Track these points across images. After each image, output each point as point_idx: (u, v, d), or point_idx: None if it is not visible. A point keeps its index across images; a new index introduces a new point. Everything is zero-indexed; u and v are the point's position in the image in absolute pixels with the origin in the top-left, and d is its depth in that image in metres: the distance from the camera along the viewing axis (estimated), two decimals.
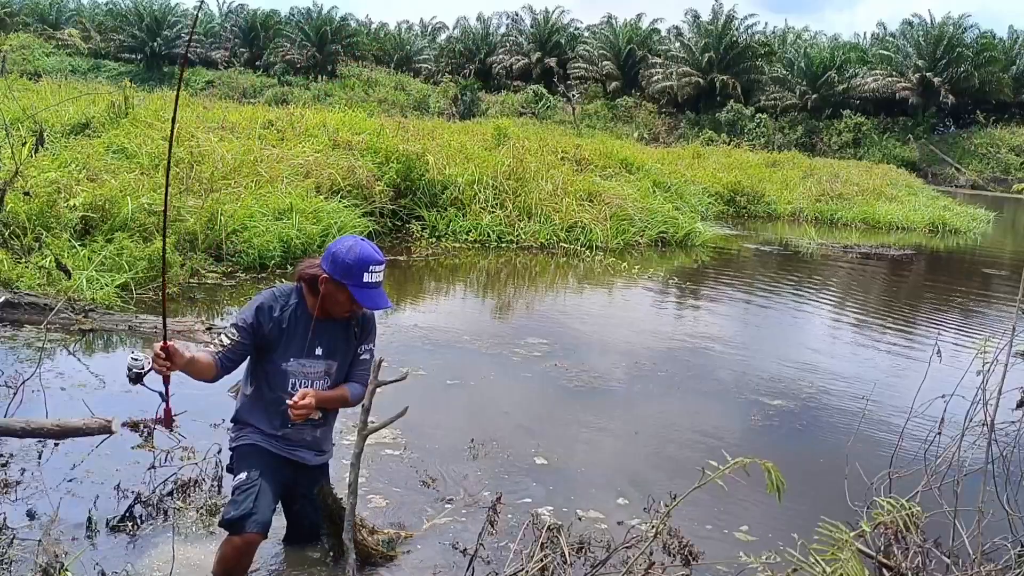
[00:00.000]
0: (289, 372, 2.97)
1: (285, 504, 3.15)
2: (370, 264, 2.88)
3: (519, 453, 4.42)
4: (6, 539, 3.06)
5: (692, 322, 8.46)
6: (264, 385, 3.02)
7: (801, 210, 19.67)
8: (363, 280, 2.88)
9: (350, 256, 2.87)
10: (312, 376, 3.00)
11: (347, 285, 2.87)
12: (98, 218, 7.93)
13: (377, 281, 2.92)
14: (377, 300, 2.95)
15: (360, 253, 2.88)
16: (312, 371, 3.00)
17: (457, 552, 3.32)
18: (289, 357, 2.96)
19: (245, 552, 2.76)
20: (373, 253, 2.91)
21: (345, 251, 2.89)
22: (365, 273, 2.87)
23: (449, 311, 8.20)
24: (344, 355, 3.07)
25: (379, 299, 2.96)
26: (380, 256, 2.94)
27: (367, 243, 2.95)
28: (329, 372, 3.04)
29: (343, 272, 2.87)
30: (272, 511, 2.88)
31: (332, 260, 2.90)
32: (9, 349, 5.52)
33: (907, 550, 2.95)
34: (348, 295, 2.89)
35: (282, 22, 58.99)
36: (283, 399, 2.92)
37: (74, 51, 51.74)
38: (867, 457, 4.09)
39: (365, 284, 2.88)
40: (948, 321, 9.36)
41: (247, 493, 2.81)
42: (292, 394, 2.92)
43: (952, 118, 48.57)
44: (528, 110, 49.48)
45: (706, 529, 3.67)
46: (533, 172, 13.18)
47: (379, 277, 2.92)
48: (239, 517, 2.73)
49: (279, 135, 13.41)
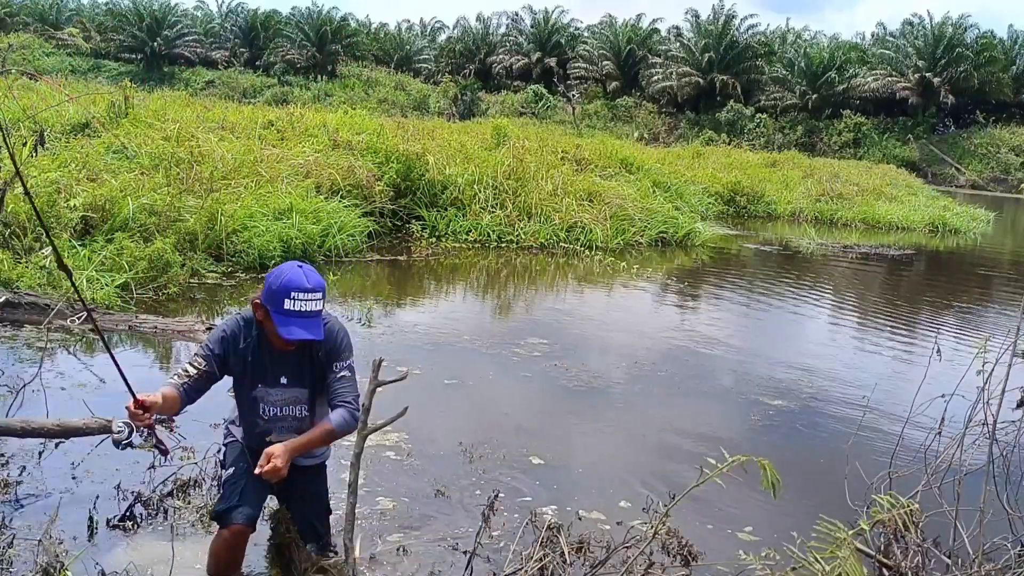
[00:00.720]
0: (258, 399, 2.90)
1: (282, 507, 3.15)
2: (292, 290, 2.69)
3: (518, 453, 4.42)
4: (6, 539, 3.06)
5: (692, 322, 8.46)
6: (241, 404, 2.98)
7: (801, 210, 19.67)
8: (283, 307, 2.70)
9: (276, 282, 2.73)
10: (281, 403, 2.91)
11: (270, 311, 2.73)
12: (98, 218, 7.94)
13: (302, 310, 2.71)
14: (295, 330, 2.70)
15: (285, 279, 2.72)
16: (281, 399, 2.91)
17: (456, 552, 3.32)
18: (256, 384, 2.89)
19: (234, 545, 2.78)
20: (300, 279, 2.72)
21: (275, 276, 2.76)
22: (286, 299, 2.69)
23: (449, 311, 8.20)
24: (315, 380, 2.94)
25: (298, 329, 2.71)
26: (310, 284, 2.73)
27: (303, 270, 2.77)
28: (301, 399, 2.93)
29: (268, 297, 2.74)
30: (260, 504, 2.90)
31: (266, 283, 2.78)
32: (9, 349, 5.52)
33: (907, 549, 2.95)
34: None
35: (282, 22, 58.96)
36: (258, 423, 2.91)
37: (74, 51, 51.75)
38: (867, 457, 4.09)
39: (286, 311, 2.70)
40: (948, 321, 9.36)
41: (233, 487, 2.85)
42: (264, 418, 2.90)
43: (952, 118, 48.59)
44: (528, 110, 49.50)
45: (707, 529, 3.67)
46: (533, 172, 13.19)
47: (306, 306, 2.71)
48: (225, 509, 2.77)
49: (279, 135, 13.42)
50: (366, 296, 8.29)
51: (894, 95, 47.97)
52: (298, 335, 2.71)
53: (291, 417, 2.93)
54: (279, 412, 2.91)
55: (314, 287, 2.74)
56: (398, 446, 4.37)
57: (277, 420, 2.92)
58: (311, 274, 2.77)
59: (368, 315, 7.29)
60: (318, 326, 2.78)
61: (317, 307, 2.76)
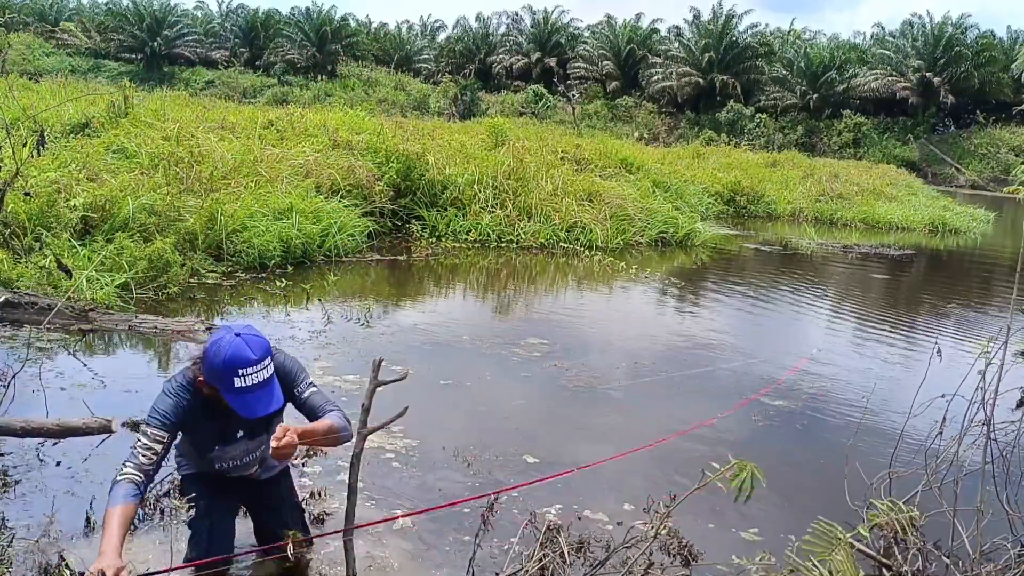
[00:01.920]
0: (214, 458, 2.83)
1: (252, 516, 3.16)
2: (239, 367, 2.52)
3: (518, 453, 4.42)
4: (6, 538, 3.06)
5: (692, 322, 8.45)
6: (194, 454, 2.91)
7: (801, 210, 19.66)
8: (234, 385, 2.53)
9: (217, 359, 2.54)
10: (241, 456, 2.85)
11: (220, 391, 2.57)
12: (98, 218, 7.94)
13: (252, 384, 2.55)
14: (254, 406, 2.55)
15: (227, 355, 2.52)
16: (240, 452, 2.84)
17: (457, 552, 3.32)
18: (213, 447, 2.80)
19: None
20: (244, 351, 2.53)
21: (213, 352, 2.56)
22: (235, 378, 2.53)
23: (449, 311, 8.19)
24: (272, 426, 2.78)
25: (256, 404, 2.56)
26: (256, 354, 2.55)
27: (243, 337, 2.57)
28: (258, 447, 2.87)
29: (213, 376, 2.57)
30: (230, 535, 2.91)
31: (205, 361, 2.58)
32: (9, 349, 5.52)
33: (907, 551, 2.95)
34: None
35: (282, 22, 58.92)
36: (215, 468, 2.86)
37: (74, 51, 51.74)
38: (867, 457, 4.09)
39: (238, 390, 2.53)
40: (948, 321, 9.36)
41: (199, 532, 2.83)
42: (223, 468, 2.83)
43: (952, 118, 48.58)
44: (528, 110, 49.48)
45: (708, 528, 3.67)
46: (533, 172, 13.18)
47: (256, 379, 2.55)
48: (200, 556, 2.76)
49: (279, 135, 13.42)
50: (366, 296, 8.29)
51: (894, 95, 47.97)
52: (259, 411, 2.57)
53: (250, 461, 2.90)
54: (238, 463, 2.88)
55: (260, 356, 2.57)
56: (397, 446, 4.37)
57: (236, 468, 2.90)
58: (253, 340, 2.59)
59: (368, 315, 7.29)
60: (274, 392, 2.62)
61: (268, 374, 2.60)
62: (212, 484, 2.95)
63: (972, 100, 47.25)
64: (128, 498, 2.48)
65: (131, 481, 2.52)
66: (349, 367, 5.69)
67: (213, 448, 2.80)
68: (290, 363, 2.83)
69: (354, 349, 6.20)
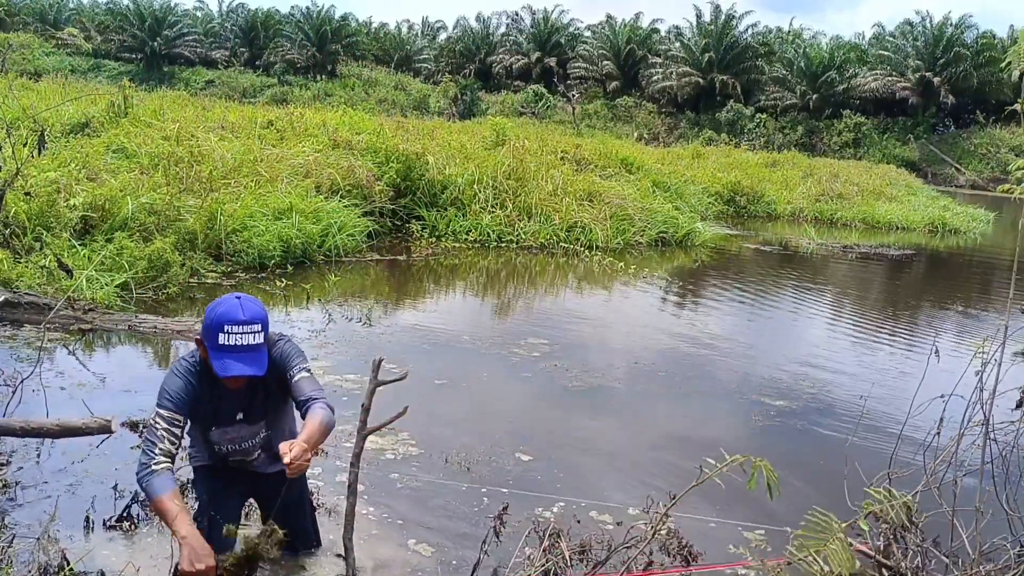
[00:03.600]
0: (213, 441, 2.82)
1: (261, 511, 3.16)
2: (225, 323, 2.52)
3: (518, 452, 4.42)
4: (6, 538, 3.06)
5: (692, 322, 8.45)
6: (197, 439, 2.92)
7: (801, 210, 19.67)
8: (218, 341, 2.53)
9: (211, 314, 2.56)
10: (239, 439, 2.83)
11: (207, 347, 2.58)
12: (98, 218, 7.94)
13: (237, 344, 2.53)
14: (230, 366, 2.52)
15: (220, 311, 2.55)
16: (238, 435, 2.82)
17: (459, 554, 3.32)
18: (211, 428, 2.79)
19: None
20: (235, 311, 2.55)
21: (211, 308, 2.59)
22: (220, 334, 2.52)
23: (449, 311, 8.20)
24: (274, 410, 2.85)
25: (233, 365, 2.52)
26: (245, 315, 2.55)
27: (240, 301, 2.59)
28: (258, 431, 2.86)
29: (204, 332, 2.57)
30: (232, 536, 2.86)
31: (204, 318, 2.61)
32: (9, 349, 5.52)
33: (906, 550, 2.95)
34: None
35: (282, 22, 58.93)
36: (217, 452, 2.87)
37: (74, 51, 51.73)
38: (867, 457, 4.10)
39: (221, 347, 2.53)
40: (947, 321, 9.36)
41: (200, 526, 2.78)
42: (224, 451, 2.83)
43: (952, 118, 48.55)
44: (528, 110, 49.47)
45: (709, 527, 3.67)
46: (533, 172, 13.19)
47: (241, 340, 2.53)
48: None
49: (279, 135, 13.43)
50: (366, 296, 8.29)
51: (894, 95, 47.96)
52: (233, 371, 2.53)
53: (250, 446, 2.89)
54: (238, 447, 2.86)
55: (250, 319, 2.56)
56: (397, 447, 4.37)
57: (237, 452, 2.89)
58: (249, 304, 2.59)
59: (368, 315, 7.29)
60: (257, 360, 2.58)
61: (255, 340, 2.57)
62: (220, 476, 2.95)
63: (972, 100, 47.23)
64: (173, 483, 2.50)
65: (166, 468, 2.52)
66: (349, 366, 5.69)
67: (211, 428, 2.80)
68: (290, 348, 2.80)
69: (354, 349, 6.20)
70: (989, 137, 45.56)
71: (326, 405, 2.66)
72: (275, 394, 2.81)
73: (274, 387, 2.78)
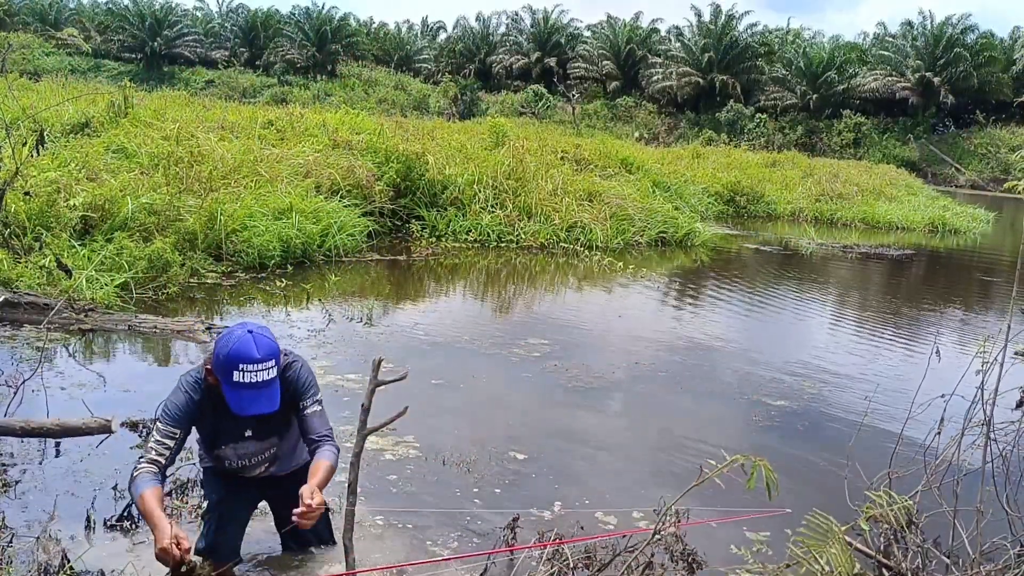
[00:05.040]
0: (223, 456, 2.84)
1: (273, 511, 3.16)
2: (240, 362, 2.53)
3: (519, 453, 4.42)
4: (6, 537, 3.06)
5: (692, 322, 8.45)
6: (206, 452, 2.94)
7: (801, 210, 19.67)
8: (232, 379, 2.54)
9: (223, 350, 2.56)
10: (248, 455, 2.85)
11: (220, 381, 2.59)
12: (98, 218, 7.94)
13: (252, 381, 2.55)
14: (245, 404, 2.55)
15: (233, 347, 2.54)
16: (247, 451, 2.84)
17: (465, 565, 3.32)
18: (220, 445, 2.81)
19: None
20: (249, 350, 2.54)
21: (222, 343, 2.58)
22: (235, 371, 2.53)
23: (449, 311, 8.19)
24: (282, 428, 2.87)
25: (248, 403, 2.56)
26: (259, 354, 2.55)
27: (253, 336, 2.58)
28: (267, 447, 2.87)
29: (217, 366, 2.58)
30: (239, 531, 2.93)
31: (215, 350, 2.61)
32: (9, 349, 5.52)
33: (907, 550, 2.95)
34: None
35: (282, 22, 58.93)
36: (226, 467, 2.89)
37: (74, 51, 51.72)
38: (868, 457, 4.09)
39: (235, 384, 2.54)
40: (948, 321, 9.36)
41: (209, 523, 2.88)
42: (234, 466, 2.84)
43: (952, 118, 48.55)
44: (528, 110, 49.47)
45: (710, 527, 3.67)
46: (533, 172, 13.18)
47: (255, 377, 2.55)
48: (205, 549, 2.79)
49: (279, 135, 13.42)
50: (366, 296, 8.29)
51: (894, 95, 47.97)
52: (251, 410, 2.57)
53: (259, 461, 2.90)
54: (247, 462, 2.87)
55: (264, 356, 2.56)
56: (397, 448, 4.37)
57: (246, 468, 2.90)
58: (261, 341, 2.58)
59: (368, 315, 7.29)
60: (272, 396, 2.61)
61: (270, 376, 2.59)
62: (230, 478, 2.95)
63: (972, 100, 47.25)
64: (152, 482, 2.52)
65: (147, 471, 2.55)
66: (349, 366, 5.68)
67: (220, 446, 2.81)
68: (305, 375, 2.82)
69: (354, 349, 6.20)
70: (989, 137, 45.57)
71: (333, 447, 2.75)
72: (286, 413, 2.81)
73: (285, 407, 2.78)
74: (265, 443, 2.86)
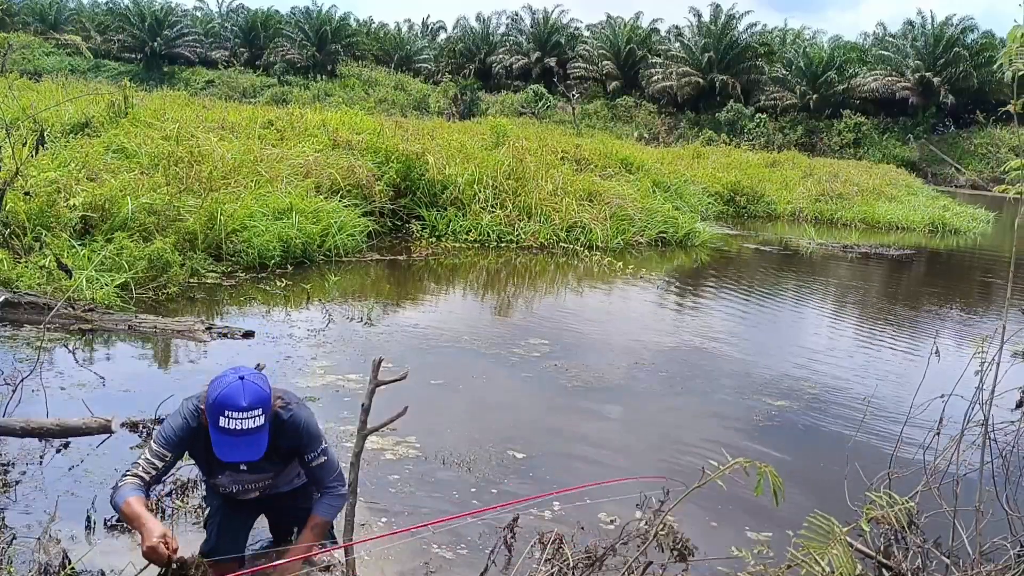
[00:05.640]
0: (218, 483, 2.86)
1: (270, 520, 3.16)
2: (227, 408, 2.50)
3: (519, 453, 4.42)
4: (6, 538, 3.06)
5: (692, 322, 8.45)
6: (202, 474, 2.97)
7: (801, 210, 19.67)
8: (218, 424, 2.52)
9: (212, 393, 2.55)
10: (243, 482, 2.85)
11: (208, 424, 2.57)
12: (98, 218, 7.94)
13: (238, 428, 2.51)
14: (229, 450, 2.53)
15: (221, 393, 2.52)
16: (241, 479, 2.84)
17: (463, 558, 3.32)
18: (215, 475, 2.82)
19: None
20: (236, 397, 2.51)
21: (213, 386, 2.58)
22: (221, 417, 2.51)
23: (449, 311, 8.19)
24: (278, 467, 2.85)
25: (231, 449, 2.53)
26: (245, 401, 2.51)
27: (243, 384, 2.55)
28: (263, 480, 2.87)
29: (207, 408, 2.57)
30: (241, 536, 2.95)
31: (207, 391, 2.61)
32: (9, 349, 5.52)
33: (907, 550, 2.95)
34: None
35: (282, 22, 58.91)
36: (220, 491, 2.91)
37: (74, 51, 51.71)
38: (868, 458, 4.09)
39: (221, 429, 2.52)
40: (948, 321, 9.36)
41: (211, 526, 2.94)
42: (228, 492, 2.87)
43: (952, 118, 48.51)
44: (528, 110, 49.44)
45: (711, 527, 3.67)
46: (533, 172, 13.18)
47: (240, 425, 2.51)
48: (209, 552, 2.80)
49: (279, 135, 13.42)
50: (366, 296, 8.29)
51: (894, 95, 47.94)
52: (231, 457, 2.55)
53: (254, 488, 2.90)
54: (241, 488, 2.88)
55: (251, 403, 2.52)
56: (397, 448, 4.37)
57: (241, 492, 2.90)
58: (250, 388, 2.55)
59: (368, 315, 7.29)
60: (256, 444, 2.57)
61: (255, 424, 2.55)
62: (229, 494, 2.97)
63: (972, 100, 47.18)
64: (136, 491, 2.53)
65: (132, 483, 2.57)
66: (349, 366, 5.68)
67: (216, 475, 2.82)
68: (305, 427, 2.78)
69: (354, 348, 6.20)
70: (989, 137, 45.54)
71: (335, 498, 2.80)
72: (281, 453, 2.80)
73: (282, 450, 2.78)
74: (260, 475, 2.86)
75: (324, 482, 2.83)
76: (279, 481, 2.95)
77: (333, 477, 2.84)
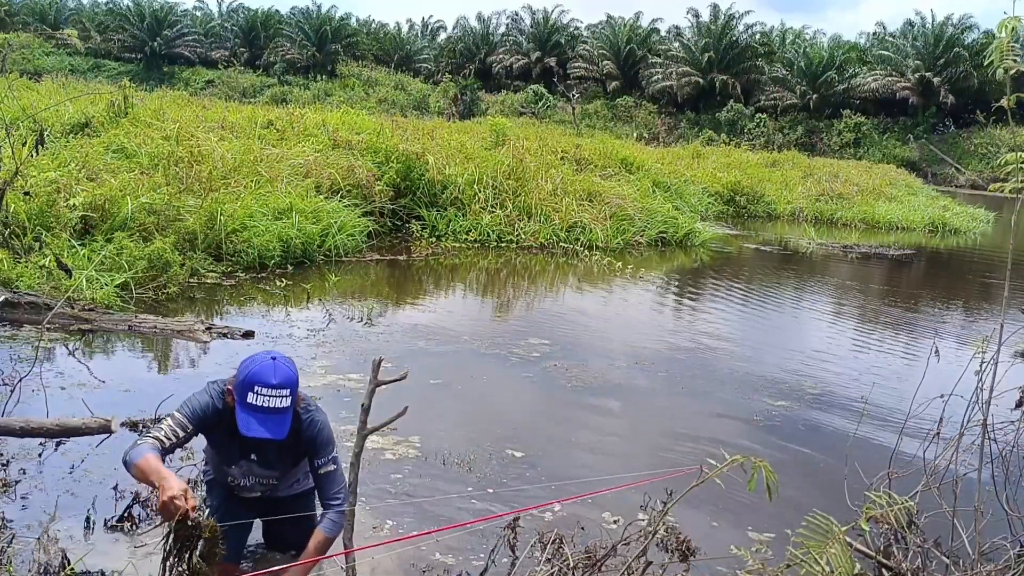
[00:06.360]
0: (228, 472, 2.89)
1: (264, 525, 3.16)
2: (256, 384, 2.56)
3: (519, 453, 4.42)
4: (6, 537, 3.06)
5: (692, 322, 8.45)
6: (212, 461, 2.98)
7: (801, 210, 19.68)
8: (246, 400, 2.57)
9: (244, 370, 2.61)
10: (251, 476, 2.87)
11: (236, 401, 2.62)
12: (98, 218, 7.94)
13: (264, 406, 2.56)
14: (253, 427, 2.56)
15: (253, 370, 2.59)
16: (250, 472, 2.87)
17: (463, 559, 3.32)
18: (228, 463, 2.86)
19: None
20: (267, 374, 2.57)
21: (245, 364, 2.64)
22: (249, 393, 2.56)
23: (449, 311, 8.19)
24: (286, 467, 2.88)
25: (257, 426, 2.56)
26: (276, 379, 2.57)
27: (275, 363, 2.61)
28: (271, 475, 2.90)
29: (236, 385, 2.62)
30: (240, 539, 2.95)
31: (238, 370, 2.67)
32: (9, 349, 5.51)
33: (907, 550, 2.95)
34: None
35: (282, 22, 58.94)
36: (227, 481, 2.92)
37: (74, 51, 51.72)
38: (868, 457, 4.09)
39: (248, 405, 2.57)
40: (948, 321, 9.36)
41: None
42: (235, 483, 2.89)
43: (952, 118, 48.52)
44: (528, 110, 49.43)
45: (712, 527, 3.67)
46: (533, 172, 13.18)
47: (269, 402, 2.57)
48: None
49: (279, 135, 13.42)
50: (366, 296, 8.29)
51: (894, 95, 47.96)
52: (255, 432, 2.56)
53: (260, 485, 2.92)
54: (248, 482, 2.89)
55: (280, 383, 2.59)
56: (397, 448, 4.37)
57: (247, 488, 2.92)
58: (281, 368, 2.62)
59: (368, 315, 7.29)
60: (281, 424, 2.61)
61: (283, 403, 2.60)
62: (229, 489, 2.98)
63: (972, 100, 47.18)
64: (154, 450, 2.51)
65: (151, 443, 2.55)
66: (349, 366, 5.69)
67: (225, 461, 2.84)
68: (321, 430, 2.81)
69: (354, 348, 6.20)
70: (989, 137, 45.55)
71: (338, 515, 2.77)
72: (293, 452, 2.82)
73: (294, 448, 2.80)
74: (268, 472, 2.88)
75: (328, 493, 2.81)
76: (282, 483, 2.96)
77: (337, 490, 2.82)
